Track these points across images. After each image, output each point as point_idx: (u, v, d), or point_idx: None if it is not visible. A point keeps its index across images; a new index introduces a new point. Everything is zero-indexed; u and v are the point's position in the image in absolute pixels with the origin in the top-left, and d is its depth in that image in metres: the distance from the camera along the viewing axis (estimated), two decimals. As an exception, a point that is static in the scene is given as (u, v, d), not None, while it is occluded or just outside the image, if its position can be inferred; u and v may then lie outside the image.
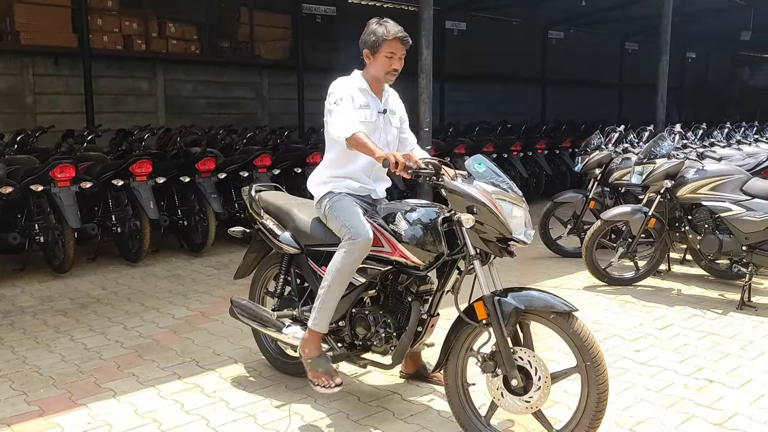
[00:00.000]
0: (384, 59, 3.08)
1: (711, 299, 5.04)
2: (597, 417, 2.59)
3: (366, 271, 3.06)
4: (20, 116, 9.26)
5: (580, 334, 2.59)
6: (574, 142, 10.31)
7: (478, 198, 2.71)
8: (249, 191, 3.67)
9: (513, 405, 2.73)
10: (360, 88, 3.15)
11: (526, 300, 2.68)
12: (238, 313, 3.60)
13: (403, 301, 3.06)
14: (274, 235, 3.43)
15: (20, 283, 5.55)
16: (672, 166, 5.05)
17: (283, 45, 12.19)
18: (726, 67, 22.60)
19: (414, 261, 2.93)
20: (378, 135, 3.18)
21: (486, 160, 2.87)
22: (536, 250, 6.61)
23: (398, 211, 3.00)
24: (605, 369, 2.59)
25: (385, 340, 3.08)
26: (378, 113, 3.17)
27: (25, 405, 3.30)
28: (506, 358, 2.70)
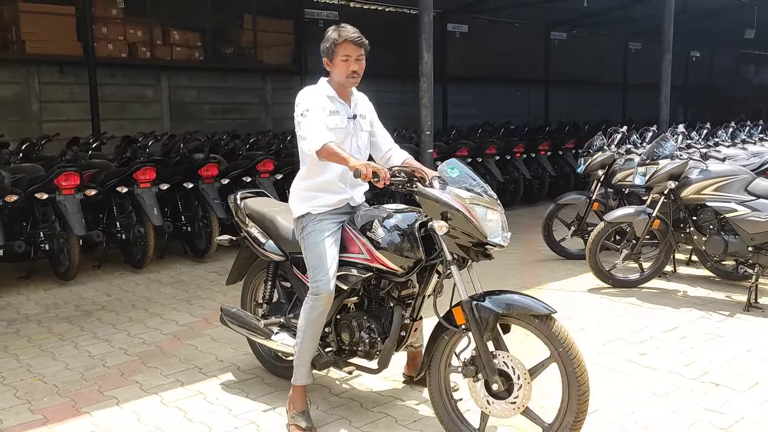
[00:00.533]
0: (341, 63, 3.04)
1: (717, 301, 5.00)
2: (582, 401, 2.55)
3: (347, 279, 3.05)
4: (26, 124, 9.31)
5: (556, 334, 2.59)
6: (578, 143, 10.28)
7: (451, 204, 2.71)
8: (234, 199, 3.67)
9: (500, 409, 2.72)
10: (328, 96, 3.10)
11: (504, 304, 2.68)
12: (228, 322, 3.63)
13: (386, 306, 3.07)
14: (259, 243, 3.45)
15: (25, 291, 5.57)
16: (675, 167, 5.02)
17: (285, 50, 12.22)
18: (730, 65, 22.49)
19: (392, 267, 2.92)
20: (350, 141, 3.14)
21: (459, 163, 2.86)
22: (540, 253, 6.59)
23: (375, 218, 2.99)
24: (578, 352, 2.56)
25: (370, 345, 3.09)
26: (348, 119, 3.13)
27: (29, 413, 3.31)
28: (486, 362, 2.71)
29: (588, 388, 2.56)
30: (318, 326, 3.06)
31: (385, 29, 12.73)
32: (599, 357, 3.91)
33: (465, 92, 14.74)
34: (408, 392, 3.48)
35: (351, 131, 3.15)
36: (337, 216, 3.14)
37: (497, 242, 2.73)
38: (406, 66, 9.81)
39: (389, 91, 11.25)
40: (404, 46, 11.80)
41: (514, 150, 9.50)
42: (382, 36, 12.80)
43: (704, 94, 20.26)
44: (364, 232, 3.00)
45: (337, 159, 2.91)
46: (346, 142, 3.12)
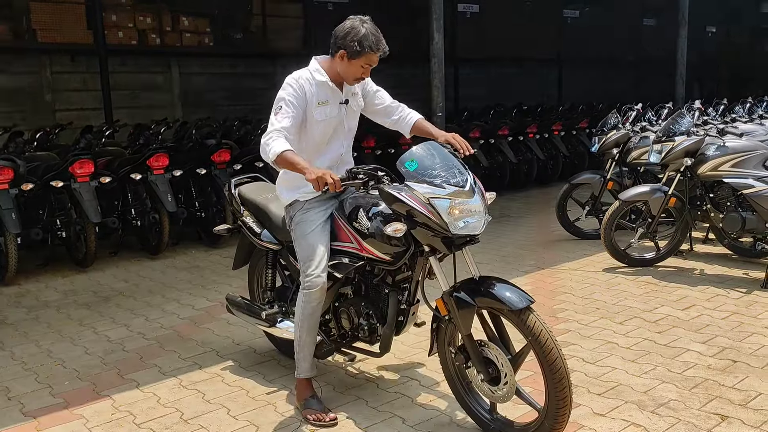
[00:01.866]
0: (359, 68, 2.93)
1: (734, 278, 4.96)
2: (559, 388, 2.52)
3: (339, 267, 3.02)
4: (40, 113, 9.37)
5: (527, 324, 2.55)
6: (592, 122, 10.14)
7: (406, 202, 2.64)
8: (228, 186, 3.62)
9: (499, 395, 2.73)
10: (318, 82, 2.97)
11: (480, 295, 2.64)
12: (233, 310, 3.67)
13: (381, 292, 3.05)
14: (255, 233, 3.45)
15: (44, 278, 5.64)
16: (692, 144, 4.95)
17: (295, 34, 12.16)
18: (747, 40, 22.06)
19: (380, 256, 2.88)
20: (342, 128, 3.08)
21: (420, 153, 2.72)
22: (554, 233, 6.56)
23: (361, 207, 2.92)
24: (548, 341, 2.52)
25: (370, 331, 3.08)
26: (340, 105, 3.03)
27: (50, 398, 3.37)
28: (471, 352, 2.72)
29: (564, 375, 2.53)
30: (314, 319, 3.04)
31: (395, 10, 12.64)
32: (615, 336, 3.89)
33: (476, 73, 14.59)
34: (423, 372, 3.50)
35: (342, 117, 3.06)
36: (326, 202, 3.07)
37: (462, 233, 2.64)
38: (416, 47, 9.78)
39: (398, 74, 11.21)
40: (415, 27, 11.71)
41: (527, 131, 9.41)
42: (392, 17, 12.76)
43: (720, 70, 19.93)
44: (351, 221, 2.95)
45: (293, 168, 2.78)
46: (338, 129, 3.06)
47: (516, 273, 5.19)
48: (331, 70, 3.00)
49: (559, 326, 4.05)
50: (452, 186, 2.64)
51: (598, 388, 3.23)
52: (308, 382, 3.16)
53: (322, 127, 2.99)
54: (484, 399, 2.88)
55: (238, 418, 3.09)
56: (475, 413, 2.88)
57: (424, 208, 2.62)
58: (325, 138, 3.04)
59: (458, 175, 2.68)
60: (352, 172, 2.80)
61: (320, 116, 2.97)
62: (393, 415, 3.07)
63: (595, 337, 3.88)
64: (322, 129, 3.00)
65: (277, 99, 2.94)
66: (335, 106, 3.02)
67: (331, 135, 3.06)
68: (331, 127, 3.03)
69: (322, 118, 2.98)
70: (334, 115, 3.02)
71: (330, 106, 3.00)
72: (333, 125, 3.03)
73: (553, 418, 2.59)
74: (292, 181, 3.05)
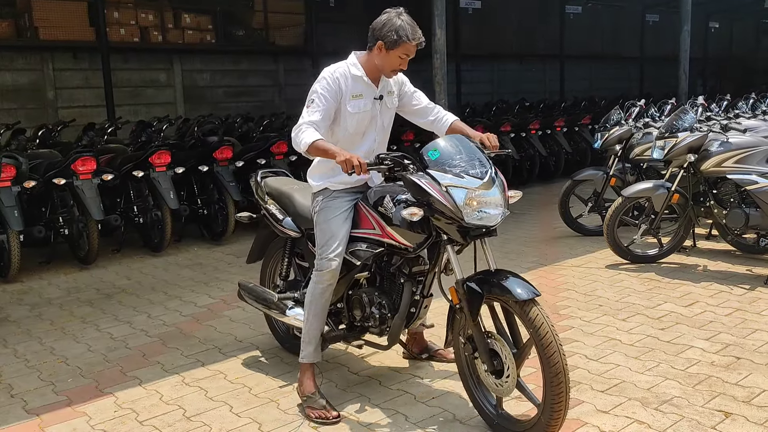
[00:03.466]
0: (396, 59, 3.00)
1: (738, 275, 4.94)
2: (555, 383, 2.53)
3: (358, 254, 3.07)
4: (42, 111, 9.38)
5: (530, 317, 2.57)
6: (594, 118, 10.12)
7: (425, 189, 2.71)
8: (255, 177, 3.74)
9: (502, 388, 2.74)
10: (354, 76, 3.04)
11: (489, 286, 2.68)
12: (245, 296, 3.69)
13: (396, 282, 3.09)
14: (277, 220, 3.51)
15: (47, 276, 5.65)
16: (695, 140, 4.93)
17: (297, 31, 12.15)
18: (751, 36, 21.98)
19: (403, 243, 2.93)
20: (375, 122, 3.13)
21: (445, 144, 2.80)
22: (557, 230, 6.54)
23: (387, 194, 2.98)
24: (547, 335, 2.53)
25: (380, 321, 3.10)
26: (374, 100, 3.09)
27: (53, 395, 3.37)
28: (478, 342, 2.74)
29: (561, 370, 2.53)
30: (323, 302, 3.09)
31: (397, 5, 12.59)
32: (618, 333, 3.89)
33: (479, 69, 14.57)
34: (426, 369, 3.49)
35: (376, 112, 3.12)
36: (353, 194, 3.14)
37: (478, 224, 2.68)
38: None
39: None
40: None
41: (529, 127, 9.39)
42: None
43: (724, 66, 19.85)
44: (376, 207, 3.00)
45: (325, 155, 2.90)
46: (371, 124, 3.12)
47: (518, 269, 5.10)
48: (368, 65, 3.07)
49: (562, 323, 4.04)
50: (471, 177, 2.69)
51: (602, 385, 3.23)
52: (312, 374, 3.17)
53: (355, 120, 3.06)
54: (491, 394, 2.88)
55: (241, 416, 3.09)
56: (481, 407, 2.90)
57: (441, 195, 2.67)
58: (358, 131, 3.11)
59: (479, 166, 2.73)
60: (379, 158, 2.86)
61: (353, 109, 3.04)
62: (396, 413, 3.06)
63: (598, 334, 3.88)
64: (355, 122, 3.07)
65: (311, 92, 3.02)
66: (369, 100, 3.08)
67: (365, 129, 3.12)
68: (364, 121, 3.09)
69: (355, 111, 3.05)
70: (367, 110, 3.08)
71: (363, 100, 3.07)
72: (366, 119, 3.10)
73: (549, 414, 2.59)
74: (325, 170, 3.13)
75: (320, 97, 2.98)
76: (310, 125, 2.93)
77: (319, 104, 2.97)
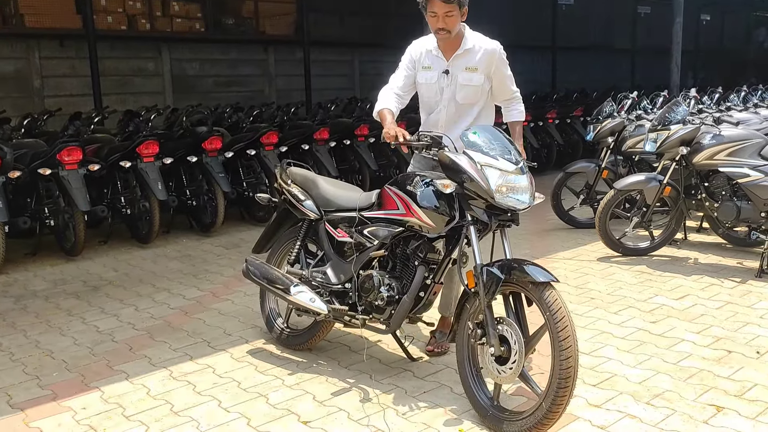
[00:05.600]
0: (431, 19, 3.17)
1: (729, 267, 4.94)
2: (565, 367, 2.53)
3: (377, 233, 3.15)
4: (28, 99, 9.23)
5: (547, 300, 2.60)
6: (586, 110, 10.09)
7: (462, 167, 2.79)
8: (282, 164, 3.83)
9: (504, 376, 2.74)
10: (428, 49, 3.34)
11: (509, 270, 2.70)
12: (250, 272, 3.66)
13: (410, 265, 3.11)
14: (299, 200, 3.57)
15: (32, 267, 5.57)
16: (687, 132, 4.92)
17: (288, 20, 12.01)
18: (742, 29, 22.03)
19: (428, 223, 2.96)
20: (442, 94, 3.35)
21: (483, 129, 2.93)
22: (548, 222, 6.53)
23: (418, 175, 3.09)
24: (564, 318, 2.55)
25: (388, 302, 3.11)
26: (441, 73, 3.31)
27: (38, 389, 3.31)
28: (489, 324, 2.74)
29: (572, 355, 2.54)
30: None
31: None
32: (610, 326, 3.87)
33: (470, 60, 14.46)
34: (418, 364, 3.46)
35: (444, 85, 3.33)
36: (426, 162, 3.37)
37: (508, 204, 2.76)
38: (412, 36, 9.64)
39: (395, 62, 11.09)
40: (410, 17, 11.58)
41: (520, 118, 9.34)
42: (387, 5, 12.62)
43: (715, 58, 19.89)
44: (404, 186, 3.07)
45: (382, 122, 3.25)
46: (437, 95, 3.36)
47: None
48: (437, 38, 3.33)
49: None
50: (505, 161, 2.77)
51: (593, 379, 3.21)
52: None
53: (423, 90, 3.40)
54: (487, 388, 2.88)
55: (229, 410, 3.05)
56: (476, 398, 2.89)
57: (477, 173, 2.74)
58: (428, 101, 3.42)
59: (514, 154, 2.82)
60: (419, 135, 2.97)
61: (421, 79, 3.38)
62: (388, 407, 3.03)
63: (590, 327, 3.86)
64: (424, 91, 3.41)
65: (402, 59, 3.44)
66: (436, 72, 3.33)
67: (434, 99, 3.39)
68: (431, 91, 3.37)
69: (423, 81, 3.37)
70: (433, 82, 3.34)
71: (431, 72, 3.34)
72: (433, 90, 3.36)
73: (551, 400, 2.57)
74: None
75: (403, 65, 3.40)
76: (390, 89, 3.37)
77: (401, 71, 3.40)
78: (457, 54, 3.29)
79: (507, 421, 2.75)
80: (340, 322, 3.41)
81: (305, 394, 3.19)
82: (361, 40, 12.74)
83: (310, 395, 3.17)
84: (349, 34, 12.86)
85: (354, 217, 3.29)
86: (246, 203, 6.98)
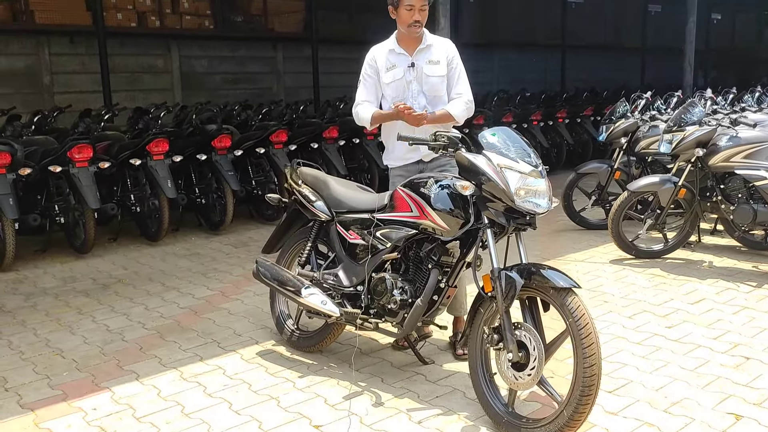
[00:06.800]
0: (404, 12, 3.29)
1: (744, 271, 4.88)
2: (588, 374, 2.49)
3: (390, 236, 3.11)
4: (38, 96, 9.22)
5: (570, 306, 2.55)
6: (596, 109, 10.02)
7: (482, 168, 2.75)
8: (292, 163, 3.83)
9: (521, 382, 2.69)
10: (389, 49, 3.44)
11: (529, 275, 2.65)
12: (261, 274, 3.63)
13: (423, 268, 3.08)
14: (309, 201, 3.54)
15: (42, 264, 5.56)
16: (704, 134, 4.85)
17: (296, 18, 11.97)
18: (753, 28, 21.84)
19: (442, 226, 2.92)
20: (410, 88, 3.40)
21: (502, 130, 2.89)
22: (559, 223, 6.47)
23: (432, 177, 3.05)
24: (588, 325, 2.51)
25: (401, 305, 3.08)
26: (407, 68, 3.39)
27: (48, 389, 3.30)
28: (506, 329, 2.69)
29: (596, 362, 2.50)
30: None
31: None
32: (625, 331, 3.82)
33: (480, 59, 14.31)
34: (430, 368, 3.43)
35: (411, 79, 3.40)
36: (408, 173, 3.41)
37: (527, 208, 2.70)
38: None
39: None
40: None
41: (531, 118, 9.29)
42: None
43: (726, 58, 19.73)
44: (418, 189, 3.03)
45: (387, 118, 3.37)
46: (406, 92, 3.40)
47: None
48: (399, 35, 3.45)
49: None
50: (525, 163, 2.74)
51: (609, 386, 3.16)
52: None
53: (392, 89, 3.44)
54: (501, 394, 2.84)
55: (240, 413, 3.02)
56: (490, 405, 2.84)
57: (496, 174, 2.71)
58: (397, 99, 3.40)
59: (533, 156, 2.80)
60: (435, 135, 2.94)
61: (388, 79, 3.43)
62: (401, 411, 3.00)
63: (604, 332, 3.81)
64: (392, 90, 3.44)
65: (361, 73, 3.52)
66: (401, 69, 3.41)
67: (403, 96, 3.41)
68: (400, 88, 3.41)
69: (390, 81, 3.43)
70: (399, 77, 3.41)
71: (396, 69, 3.42)
72: (401, 87, 3.41)
73: (574, 407, 2.52)
74: (387, 149, 3.58)
75: (364, 78, 3.48)
76: (362, 103, 3.46)
77: (364, 83, 3.48)
78: (420, 48, 3.42)
79: (524, 428, 2.70)
80: (352, 325, 3.38)
81: (317, 397, 3.16)
82: (370, 37, 12.69)
83: (321, 398, 3.14)
84: (357, 32, 12.82)
85: (366, 219, 3.26)
86: (255, 201, 6.95)
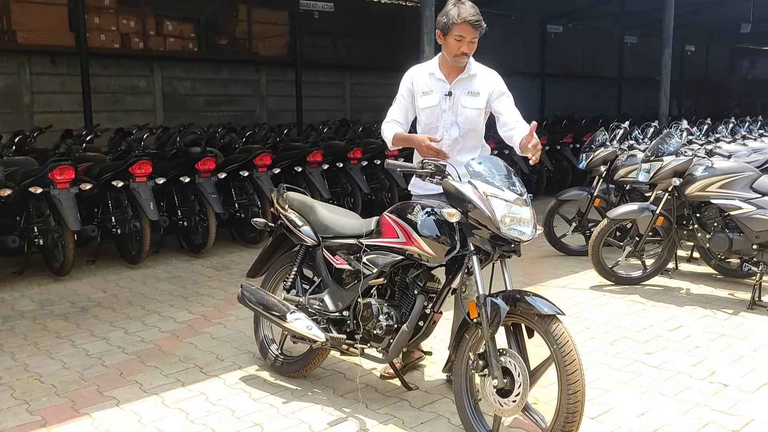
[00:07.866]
0: (453, 42, 3.18)
1: (721, 299, 4.98)
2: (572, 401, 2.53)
3: (376, 261, 3.12)
4: (18, 116, 9.16)
5: (554, 332, 2.59)
6: (575, 137, 10.22)
7: (468, 196, 2.78)
8: (279, 188, 3.80)
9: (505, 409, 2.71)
10: (429, 73, 3.35)
11: (514, 302, 2.69)
12: (246, 298, 3.61)
13: (409, 294, 3.09)
14: (296, 225, 3.54)
15: (20, 287, 5.46)
16: (680, 164, 4.98)
17: (280, 42, 12.09)
18: (726, 59, 22.52)
19: (428, 252, 2.94)
20: (444, 118, 3.31)
21: (488, 159, 2.94)
22: (540, 249, 6.55)
23: (418, 204, 3.07)
24: (572, 352, 2.55)
25: (386, 331, 3.09)
26: (444, 96, 3.29)
27: (27, 415, 3.23)
28: (492, 356, 2.72)
29: (580, 389, 2.54)
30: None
31: (383, 22, 12.61)
32: (606, 357, 3.87)
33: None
34: (414, 394, 3.43)
35: (446, 108, 3.30)
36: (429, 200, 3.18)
37: (512, 235, 2.74)
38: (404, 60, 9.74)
39: (386, 84, 11.17)
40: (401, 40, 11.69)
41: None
42: (379, 29, 12.73)
43: (699, 89, 20.29)
44: (404, 215, 3.05)
45: (408, 143, 3.30)
46: (440, 121, 3.32)
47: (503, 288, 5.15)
48: (442, 59, 3.34)
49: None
50: (510, 191, 2.76)
51: (593, 412, 3.20)
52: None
53: (425, 115, 3.35)
54: (486, 421, 2.85)
55: (224, 440, 2.99)
56: (474, 431, 2.85)
57: (482, 202, 2.73)
58: (429, 126, 3.36)
59: (518, 185, 2.82)
60: (422, 163, 2.95)
61: (422, 104, 3.35)
62: (384, 438, 2.99)
63: (586, 358, 3.84)
64: (425, 117, 3.36)
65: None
66: (437, 95, 3.31)
67: (436, 124, 3.34)
68: (433, 116, 3.33)
69: (425, 106, 3.34)
70: (434, 104, 3.31)
71: (432, 96, 3.32)
72: (435, 114, 3.32)
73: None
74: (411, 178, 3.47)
75: (399, 95, 3.41)
76: (390, 122, 3.41)
77: (397, 103, 3.42)
78: (461, 77, 3.31)
79: None
80: (337, 350, 3.38)
81: (301, 423, 3.14)
82: (353, 62, 12.84)
83: (306, 425, 3.12)
84: (340, 57, 12.96)
85: (352, 244, 3.28)
86: (237, 224, 6.93)
